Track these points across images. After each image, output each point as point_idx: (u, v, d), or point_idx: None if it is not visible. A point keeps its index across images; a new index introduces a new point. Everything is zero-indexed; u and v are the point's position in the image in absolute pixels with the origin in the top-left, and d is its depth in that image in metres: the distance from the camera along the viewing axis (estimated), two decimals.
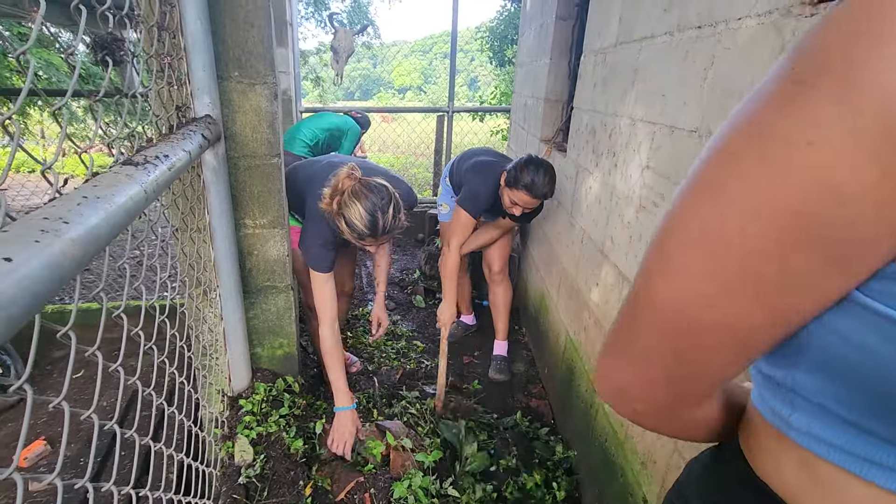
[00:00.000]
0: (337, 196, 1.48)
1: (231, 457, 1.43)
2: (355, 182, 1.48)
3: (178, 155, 0.88)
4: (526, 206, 2.05)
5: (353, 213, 1.46)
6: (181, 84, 1.26)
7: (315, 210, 1.61)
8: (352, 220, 1.47)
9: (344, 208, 1.47)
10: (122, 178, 0.63)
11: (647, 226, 1.37)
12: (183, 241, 1.31)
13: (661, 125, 1.32)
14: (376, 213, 1.46)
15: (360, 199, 1.46)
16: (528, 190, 1.96)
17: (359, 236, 1.50)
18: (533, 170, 1.95)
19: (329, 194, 1.50)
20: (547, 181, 1.96)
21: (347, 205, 1.46)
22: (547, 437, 2.07)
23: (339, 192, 1.48)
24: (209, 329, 1.53)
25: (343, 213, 1.47)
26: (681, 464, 1.12)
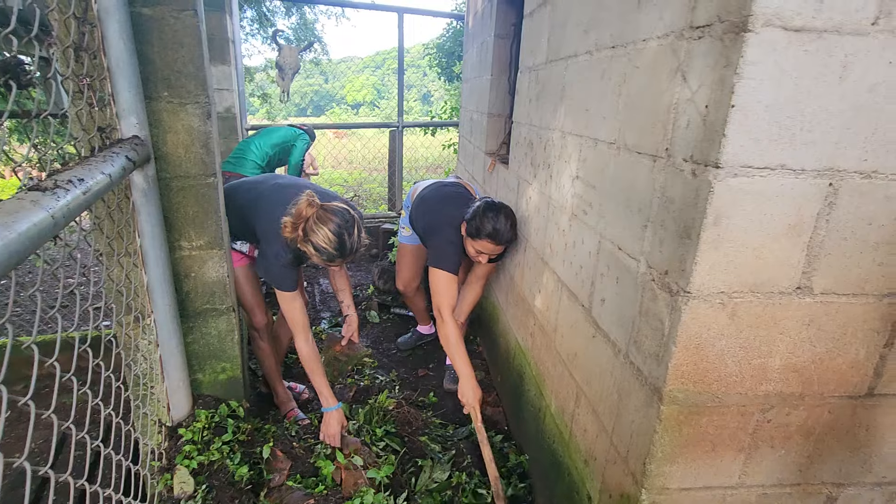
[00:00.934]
0: (301, 223, 1.54)
1: (170, 489, 1.37)
2: (317, 209, 1.55)
3: (96, 178, 0.85)
4: (492, 254, 2.00)
5: (321, 238, 1.53)
6: (104, 105, 1.22)
7: (270, 233, 1.66)
8: (320, 245, 1.54)
9: (311, 234, 1.54)
10: (27, 204, 0.61)
11: (579, 233, 1.44)
12: (110, 267, 1.26)
13: (586, 137, 1.40)
14: (343, 235, 1.55)
15: (326, 223, 1.54)
16: (491, 238, 1.91)
17: (328, 259, 1.58)
18: (493, 217, 1.90)
19: (291, 223, 1.55)
20: (509, 226, 1.92)
21: (314, 231, 1.53)
22: (501, 444, 2.09)
23: (303, 219, 1.54)
24: (143, 357, 1.46)
25: (311, 239, 1.54)
26: (616, 457, 1.17)
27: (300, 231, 1.54)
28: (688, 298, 0.90)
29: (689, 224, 0.89)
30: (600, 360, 1.27)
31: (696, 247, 0.87)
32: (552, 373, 1.67)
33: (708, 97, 0.84)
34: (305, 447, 1.83)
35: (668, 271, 0.96)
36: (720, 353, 0.94)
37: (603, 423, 1.25)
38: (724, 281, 0.89)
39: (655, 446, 1.01)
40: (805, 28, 0.76)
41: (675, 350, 0.94)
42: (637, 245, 1.09)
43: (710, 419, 0.99)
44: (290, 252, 1.67)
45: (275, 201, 1.72)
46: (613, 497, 1.19)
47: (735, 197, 0.84)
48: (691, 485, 1.04)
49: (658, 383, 0.99)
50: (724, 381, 0.96)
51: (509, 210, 1.97)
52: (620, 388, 1.16)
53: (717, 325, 0.92)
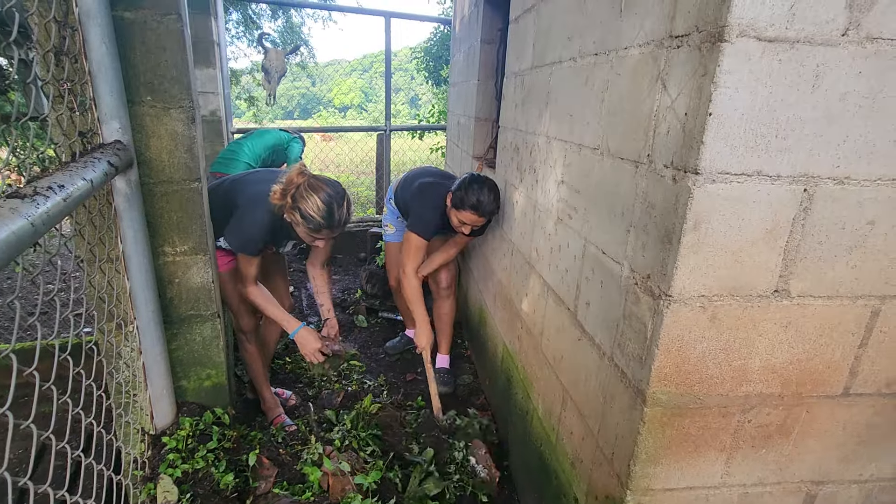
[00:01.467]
0: (291, 190, 1.52)
1: (153, 499, 1.35)
2: (308, 177, 1.54)
3: (77, 184, 0.84)
4: (474, 225, 2.12)
5: (311, 206, 1.52)
6: (86, 109, 1.21)
7: (251, 200, 1.64)
8: (308, 213, 1.51)
9: (300, 201, 1.52)
10: (5, 212, 0.61)
11: (564, 237, 1.46)
12: (91, 273, 1.24)
13: (571, 143, 1.41)
14: (332, 204, 1.53)
15: (317, 191, 1.52)
16: (474, 210, 2.03)
17: (315, 228, 1.56)
18: (477, 189, 2.03)
19: (280, 190, 1.53)
20: (492, 199, 2.05)
21: (304, 197, 1.51)
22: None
23: (294, 185, 1.52)
24: (126, 364, 1.44)
25: (299, 205, 1.52)
26: (602, 459, 1.19)
27: (289, 198, 1.52)
28: (669, 302, 0.92)
29: (670, 229, 0.90)
30: (586, 362, 1.29)
31: (677, 251, 0.88)
32: (539, 376, 1.68)
33: (687, 105, 0.86)
34: (292, 454, 1.81)
35: (650, 275, 0.98)
36: (701, 356, 0.96)
37: (589, 425, 1.27)
38: (704, 284, 0.91)
39: (639, 448, 1.02)
40: (778, 38, 0.78)
41: (657, 353, 0.95)
42: (620, 249, 1.10)
43: (693, 420, 1.01)
44: (269, 217, 1.63)
45: (262, 176, 1.74)
46: (599, 499, 1.20)
47: (713, 202, 0.86)
48: (675, 485, 1.06)
49: (641, 385, 1.00)
50: (706, 382, 0.98)
51: (493, 184, 2.08)
52: (606, 390, 1.17)
53: (698, 327, 0.94)
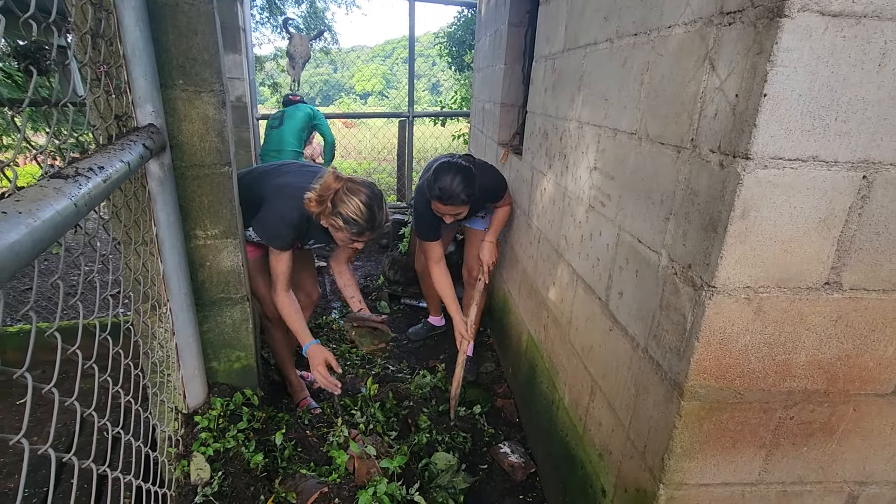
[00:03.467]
0: (329, 196, 1.53)
1: (187, 476, 1.38)
2: (345, 181, 1.54)
3: (116, 166, 0.85)
4: (448, 214, 2.02)
5: (352, 209, 1.53)
6: (121, 93, 1.22)
7: (281, 194, 1.65)
8: (350, 216, 1.53)
9: (340, 206, 1.53)
10: (50, 191, 0.61)
11: (596, 225, 1.42)
12: (127, 255, 1.26)
13: (605, 128, 1.37)
14: (373, 206, 1.56)
15: (357, 194, 1.54)
16: (440, 200, 1.95)
17: (357, 231, 1.58)
18: (443, 177, 1.92)
19: (317, 197, 1.54)
20: (457, 184, 1.91)
21: (344, 202, 1.53)
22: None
23: (332, 191, 1.53)
24: (160, 345, 1.47)
25: (340, 210, 1.53)
26: (633, 452, 1.16)
27: (328, 203, 1.53)
28: (712, 293, 0.88)
29: (716, 217, 0.87)
30: (617, 353, 1.26)
31: (723, 240, 0.85)
32: (566, 366, 1.66)
33: (738, 86, 0.82)
34: (318, 436, 1.84)
35: (691, 265, 0.94)
36: (744, 349, 0.93)
37: (619, 417, 1.24)
38: (750, 275, 0.87)
39: (674, 442, 0.99)
40: (844, 13, 0.73)
41: (697, 345, 0.92)
42: (658, 238, 1.07)
43: (732, 415, 0.98)
44: (298, 214, 1.63)
45: (293, 171, 1.74)
46: (629, 491, 1.18)
47: (764, 189, 0.81)
48: (710, 481, 1.03)
49: (679, 378, 0.97)
50: (747, 377, 0.95)
51: (462, 168, 1.95)
52: (638, 382, 1.15)
53: (741, 320, 0.90)
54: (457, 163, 1.97)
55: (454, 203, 1.95)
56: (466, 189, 1.93)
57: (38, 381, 0.66)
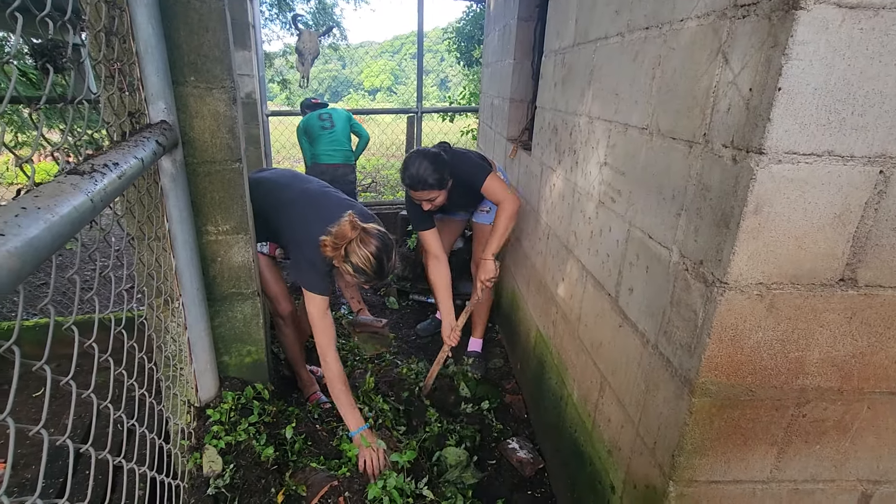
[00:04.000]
0: (343, 245, 1.60)
1: (199, 468, 1.41)
2: (359, 231, 1.61)
3: (130, 163, 0.86)
4: (423, 199, 2.03)
5: (362, 260, 1.60)
6: (133, 90, 1.23)
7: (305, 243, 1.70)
8: (359, 266, 1.61)
9: (351, 255, 1.60)
10: (67, 187, 0.62)
11: (606, 220, 1.41)
12: (140, 250, 1.28)
13: (616, 123, 1.36)
14: (382, 258, 1.62)
15: (367, 246, 1.60)
16: (411, 187, 2.00)
17: (365, 280, 1.66)
18: (410, 165, 1.98)
19: (332, 243, 1.61)
20: (424, 169, 1.93)
21: (356, 252, 1.60)
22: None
23: (346, 241, 1.60)
24: (172, 339, 1.49)
25: (351, 260, 1.60)
26: (642, 449, 1.16)
27: (341, 251, 1.60)
28: (724, 289, 0.88)
29: (728, 212, 0.86)
30: (627, 350, 1.26)
31: (735, 236, 0.84)
32: (575, 362, 1.66)
33: (752, 80, 0.81)
34: (328, 430, 1.86)
35: (703, 261, 0.93)
36: (756, 346, 0.92)
37: (629, 413, 1.24)
38: (762, 271, 0.86)
39: (685, 439, 0.99)
40: (861, 5, 0.71)
41: (708, 342, 0.92)
42: (669, 234, 1.06)
43: (743, 412, 0.97)
44: (324, 264, 1.69)
45: (311, 213, 1.75)
46: (639, 488, 1.18)
47: (778, 184, 0.80)
48: (721, 478, 1.03)
49: (689, 375, 0.97)
50: (759, 374, 0.94)
51: (433, 154, 1.98)
52: (648, 379, 1.14)
53: (753, 316, 0.89)
54: (424, 150, 2.03)
55: (424, 188, 1.98)
56: (434, 173, 1.96)
57: (55, 374, 0.67)
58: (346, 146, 3.98)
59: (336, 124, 3.98)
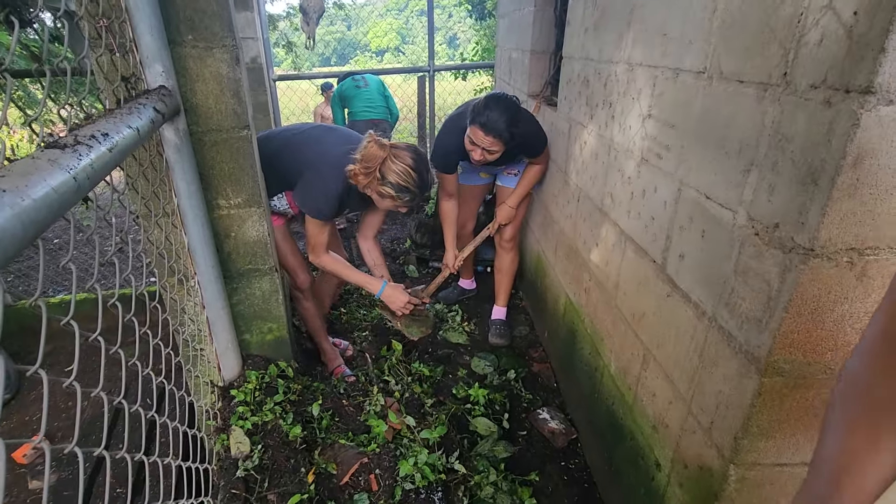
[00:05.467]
0: (375, 166, 1.50)
1: (227, 449, 1.37)
2: (389, 149, 1.52)
3: (123, 133, 0.76)
4: (481, 145, 1.92)
5: (402, 176, 1.52)
6: (126, 52, 1.11)
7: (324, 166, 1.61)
8: (401, 184, 1.53)
9: (389, 174, 1.52)
10: (43, 164, 0.52)
11: (650, 180, 1.28)
12: (149, 228, 1.20)
13: (663, 68, 1.20)
14: (421, 170, 1.56)
15: (404, 160, 1.53)
16: (482, 127, 1.86)
17: (409, 198, 1.59)
18: (492, 105, 1.85)
19: (363, 168, 1.51)
20: (504, 119, 1.83)
21: (392, 170, 1.52)
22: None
23: (378, 161, 1.50)
24: (190, 319, 1.44)
25: (389, 179, 1.53)
26: (696, 427, 1.08)
27: (376, 173, 1.51)
28: (807, 257, 0.75)
29: (817, 166, 0.73)
30: (677, 322, 1.15)
31: (827, 194, 0.71)
32: (612, 332, 1.56)
33: (858, 1, 0.66)
34: (355, 405, 1.82)
35: (779, 224, 0.81)
36: (839, 319, 0.81)
37: (679, 389, 1.15)
38: (856, 235, 0.74)
39: (751, 421, 0.90)
40: None
41: (784, 316, 0.80)
42: (734, 193, 0.93)
43: (819, 393, 0.87)
44: (342, 186, 1.62)
45: (326, 137, 1.68)
46: (690, 468, 1.10)
47: (886, 131, 0.67)
48: (788, 460, 0.94)
49: (758, 352, 0.86)
50: (841, 350, 0.83)
51: (514, 106, 1.88)
52: (704, 354, 1.04)
53: (841, 286, 0.77)
54: (509, 98, 1.90)
55: (493, 135, 1.85)
56: (510, 126, 1.84)
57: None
58: (380, 103, 4.12)
59: (370, 84, 4.13)
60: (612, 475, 1.57)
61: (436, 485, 1.51)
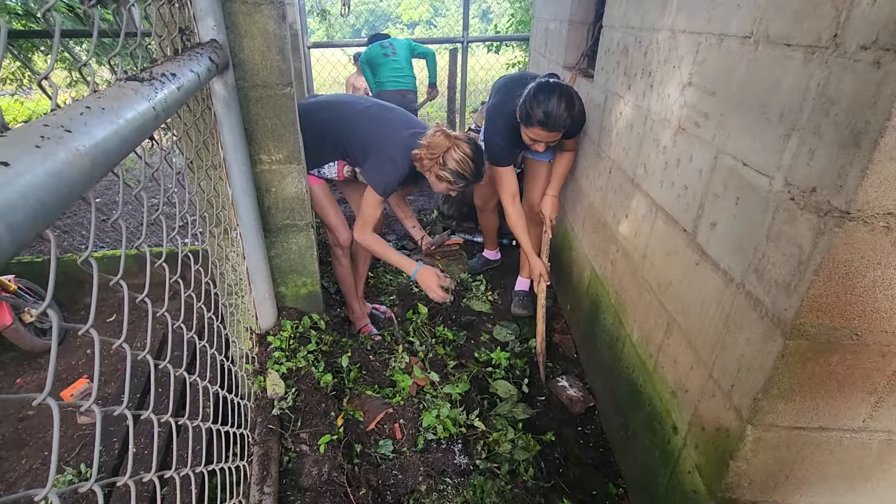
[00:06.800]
0: (439, 154, 1.70)
1: (263, 390, 1.47)
2: (453, 139, 1.70)
3: (187, 75, 0.81)
4: (548, 141, 1.86)
5: (461, 165, 1.70)
6: (182, 4, 1.16)
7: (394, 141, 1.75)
8: (459, 171, 1.71)
9: (450, 162, 1.70)
10: (128, 92, 0.58)
11: (686, 149, 1.28)
12: (199, 177, 1.27)
13: (707, 34, 1.19)
14: (478, 161, 1.74)
15: (465, 150, 1.71)
16: (543, 126, 1.76)
17: (464, 183, 1.76)
18: (544, 100, 1.73)
19: (429, 154, 1.70)
20: (564, 108, 1.73)
21: (453, 158, 1.70)
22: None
23: (443, 149, 1.69)
24: (233, 268, 1.52)
25: (450, 166, 1.71)
26: (715, 391, 1.10)
27: (439, 159, 1.70)
28: (843, 220, 0.76)
29: (861, 129, 0.73)
30: (704, 289, 1.17)
31: (869, 156, 0.71)
32: (636, 301, 1.58)
33: None
34: (381, 360, 1.90)
35: (816, 188, 0.81)
36: (870, 285, 0.81)
37: (701, 355, 1.17)
38: (895, 199, 0.74)
39: (772, 382, 0.92)
40: None
41: (814, 280, 0.82)
42: (772, 159, 0.93)
43: (843, 358, 0.88)
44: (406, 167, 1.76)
45: (391, 119, 1.82)
46: (707, 430, 1.13)
47: None
48: (806, 424, 0.96)
49: (784, 316, 0.88)
50: (869, 316, 0.84)
51: (565, 89, 1.78)
52: (729, 319, 1.06)
53: (874, 251, 0.78)
54: (558, 83, 1.79)
55: (557, 129, 1.78)
56: (570, 113, 1.77)
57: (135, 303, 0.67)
58: (409, 72, 4.08)
59: (398, 52, 4.04)
60: (628, 440, 1.61)
61: (456, 437, 1.59)
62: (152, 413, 0.70)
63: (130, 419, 0.65)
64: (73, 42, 4.29)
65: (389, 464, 1.48)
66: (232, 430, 1.21)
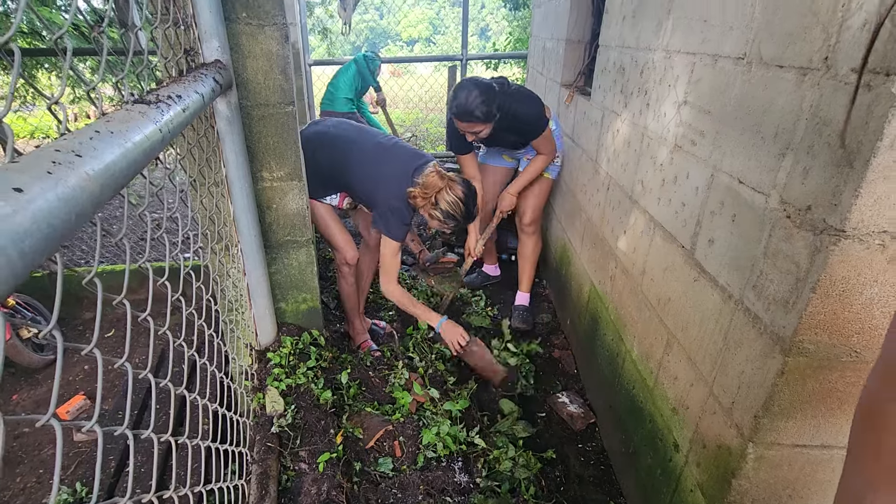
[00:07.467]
0: (433, 193, 1.71)
1: (262, 407, 1.46)
2: (447, 181, 1.72)
3: (192, 97, 0.83)
4: (467, 131, 1.99)
5: (452, 207, 1.71)
6: (188, 26, 1.19)
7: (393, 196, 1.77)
8: (448, 212, 1.72)
9: (441, 203, 1.72)
10: (136, 115, 0.59)
11: (683, 166, 1.29)
12: (202, 195, 1.28)
13: (701, 55, 1.21)
14: (469, 203, 1.76)
15: (457, 192, 1.72)
16: (457, 116, 1.94)
17: (454, 224, 1.78)
18: (460, 93, 1.90)
19: (422, 193, 1.72)
20: (473, 99, 1.87)
21: (445, 200, 1.71)
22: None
23: (436, 189, 1.71)
24: (233, 284, 1.52)
25: (442, 207, 1.72)
26: (716, 408, 1.10)
27: (431, 199, 1.71)
28: (838, 238, 0.77)
29: (854, 149, 0.74)
30: (703, 305, 1.17)
31: (861, 176, 0.73)
32: (636, 318, 1.58)
33: None
34: (380, 377, 1.89)
35: (811, 206, 0.83)
36: (867, 302, 0.82)
37: (701, 371, 1.17)
38: (889, 218, 0.75)
39: (772, 400, 0.92)
40: None
41: (811, 297, 0.82)
42: (767, 177, 0.94)
43: (842, 375, 0.89)
44: (408, 214, 1.81)
45: (391, 167, 1.81)
46: (709, 448, 1.13)
47: None
48: (807, 442, 0.96)
49: (783, 333, 0.88)
50: (868, 333, 0.84)
51: (486, 87, 1.91)
52: (728, 336, 1.06)
53: (870, 269, 0.79)
54: (477, 79, 1.94)
55: (469, 119, 1.93)
56: (482, 105, 1.89)
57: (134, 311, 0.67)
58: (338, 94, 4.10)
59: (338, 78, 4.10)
60: (629, 457, 1.60)
61: (456, 455, 1.57)
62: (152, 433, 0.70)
63: (131, 439, 0.65)
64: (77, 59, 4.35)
65: (389, 482, 1.46)
66: (230, 448, 1.20)
